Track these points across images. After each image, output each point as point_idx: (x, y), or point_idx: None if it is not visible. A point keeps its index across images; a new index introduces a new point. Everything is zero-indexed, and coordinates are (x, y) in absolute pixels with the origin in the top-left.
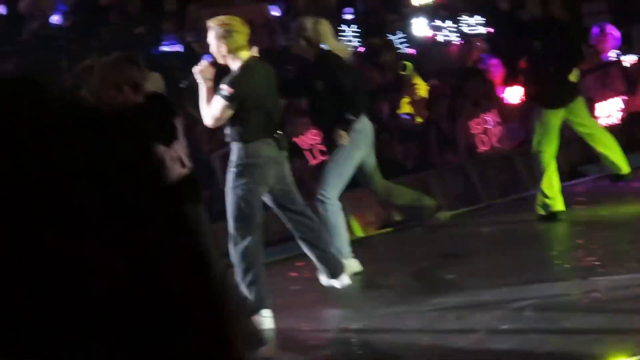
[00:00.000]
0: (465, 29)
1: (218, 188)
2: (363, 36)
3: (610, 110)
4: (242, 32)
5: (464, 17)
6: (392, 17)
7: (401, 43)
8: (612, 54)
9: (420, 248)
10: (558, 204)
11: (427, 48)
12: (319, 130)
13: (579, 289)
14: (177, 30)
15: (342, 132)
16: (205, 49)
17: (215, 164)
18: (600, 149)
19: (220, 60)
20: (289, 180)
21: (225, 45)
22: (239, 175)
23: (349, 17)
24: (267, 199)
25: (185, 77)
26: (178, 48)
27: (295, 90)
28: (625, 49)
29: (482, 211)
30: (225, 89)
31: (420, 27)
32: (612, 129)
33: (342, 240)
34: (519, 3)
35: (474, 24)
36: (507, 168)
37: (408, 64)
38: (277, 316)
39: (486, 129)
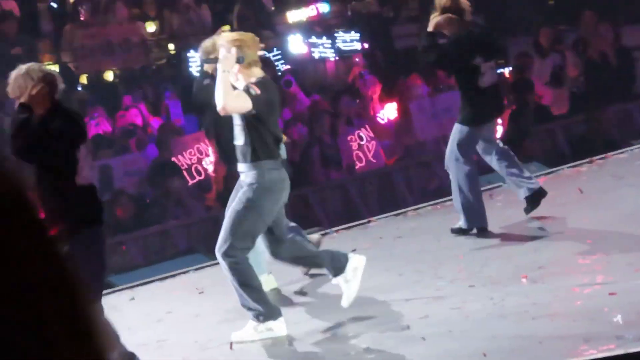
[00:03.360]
0: (341, 45)
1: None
2: None
3: None
4: (253, 48)
5: (340, 33)
6: (267, 34)
7: (277, 60)
8: None
9: (296, 268)
10: None
11: (304, 65)
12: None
13: (457, 306)
14: (53, 50)
15: None
16: (80, 68)
17: (94, 175)
18: None
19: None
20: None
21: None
22: (254, 196)
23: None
24: None
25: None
26: (54, 68)
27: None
28: (502, 63)
29: (362, 227)
30: (253, 88)
31: (296, 44)
32: None
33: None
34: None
35: (350, 40)
36: (386, 184)
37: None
38: None
39: (361, 145)
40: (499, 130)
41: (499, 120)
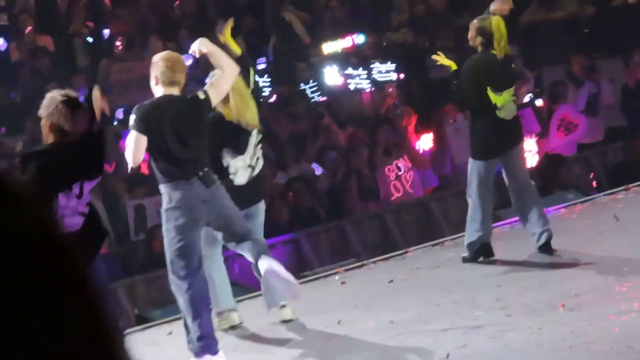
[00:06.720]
0: (377, 76)
1: (132, 242)
2: (274, 85)
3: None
4: (175, 68)
5: (376, 64)
6: (302, 65)
7: (313, 92)
8: (526, 97)
9: (333, 298)
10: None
11: (339, 96)
12: None
13: (494, 335)
14: (89, 85)
15: None
16: (116, 103)
17: (129, 214)
18: None
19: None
20: (227, 212)
21: (153, 77)
22: (168, 219)
23: (261, 66)
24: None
25: None
26: None
27: None
28: (537, 93)
29: (399, 258)
30: (131, 118)
31: (331, 75)
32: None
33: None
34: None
35: (385, 71)
36: (423, 214)
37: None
38: None
39: (399, 175)
40: (533, 159)
41: (531, 148)
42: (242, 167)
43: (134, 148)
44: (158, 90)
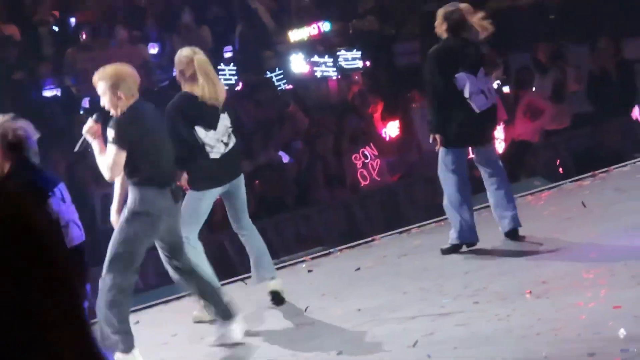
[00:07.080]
0: (343, 64)
1: (98, 231)
2: (240, 73)
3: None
4: (131, 79)
5: (342, 52)
6: (268, 53)
7: (279, 80)
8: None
9: (300, 286)
10: None
11: (305, 84)
12: None
13: (462, 322)
14: (55, 74)
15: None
16: (83, 91)
17: (96, 204)
18: None
19: (115, 110)
20: (177, 227)
21: (123, 94)
22: (132, 220)
23: (228, 55)
24: (158, 246)
25: (65, 124)
26: (57, 92)
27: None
28: (504, 79)
29: (366, 246)
30: (110, 133)
31: (297, 62)
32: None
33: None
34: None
35: (352, 59)
36: (390, 202)
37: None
38: None
39: (365, 163)
40: (499, 146)
41: (498, 135)
42: (215, 143)
43: (113, 164)
44: (124, 105)
